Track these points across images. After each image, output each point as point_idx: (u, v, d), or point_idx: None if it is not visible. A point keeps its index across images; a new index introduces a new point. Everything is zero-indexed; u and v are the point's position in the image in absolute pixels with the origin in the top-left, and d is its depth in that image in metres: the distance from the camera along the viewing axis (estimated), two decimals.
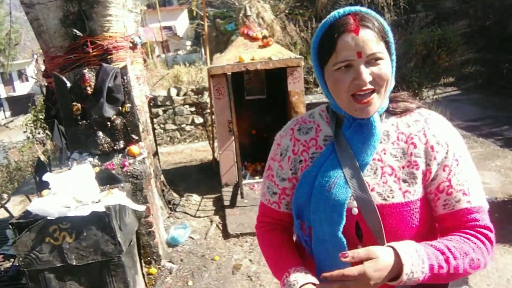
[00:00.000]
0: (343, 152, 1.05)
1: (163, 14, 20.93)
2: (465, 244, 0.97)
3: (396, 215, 1.01)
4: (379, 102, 1.01)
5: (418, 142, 1.04)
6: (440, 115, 1.11)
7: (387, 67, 0.99)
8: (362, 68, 0.97)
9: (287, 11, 13.42)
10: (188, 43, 22.70)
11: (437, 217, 1.06)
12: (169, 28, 23.45)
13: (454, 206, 1.02)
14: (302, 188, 1.10)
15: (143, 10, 4.19)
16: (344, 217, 1.02)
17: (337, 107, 1.08)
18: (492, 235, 1.01)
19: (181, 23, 24.59)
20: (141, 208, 3.11)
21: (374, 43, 0.97)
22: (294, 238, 1.26)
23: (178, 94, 8.52)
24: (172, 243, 3.94)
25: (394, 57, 1.03)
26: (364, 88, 0.98)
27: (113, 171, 3.22)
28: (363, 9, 1.01)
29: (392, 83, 1.05)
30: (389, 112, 1.09)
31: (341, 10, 1.01)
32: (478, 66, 8.31)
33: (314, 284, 1.03)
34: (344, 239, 1.03)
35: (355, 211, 1.03)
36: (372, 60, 0.98)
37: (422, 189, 1.03)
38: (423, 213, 1.03)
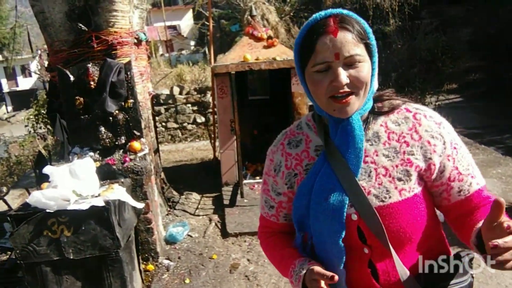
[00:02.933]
0: (335, 160, 1.05)
1: (168, 13, 20.96)
2: None
3: (395, 214, 1.01)
4: (358, 103, 1.00)
5: (410, 141, 1.03)
6: (424, 106, 1.11)
7: (366, 70, 0.98)
8: (340, 70, 0.96)
9: (292, 14, 13.44)
10: (192, 43, 22.74)
11: (450, 206, 1.07)
12: (173, 27, 23.47)
13: (468, 190, 1.05)
14: (300, 200, 1.10)
15: (148, 8, 4.19)
16: (345, 225, 1.02)
17: (320, 110, 1.07)
18: None
19: (186, 23, 24.63)
20: (140, 205, 3.09)
21: (352, 45, 0.96)
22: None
23: (180, 93, 8.53)
24: (170, 241, 3.93)
25: (375, 59, 1.02)
26: (341, 90, 0.97)
27: (114, 166, 3.21)
28: (345, 11, 1.01)
29: (374, 85, 1.04)
30: (376, 113, 1.08)
31: (322, 12, 1.01)
32: (482, 74, 8.32)
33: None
34: (343, 248, 1.03)
35: (355, 216, 1.03)
36: (351, 62, 0.97)
37: (419, 185, 1.03)
38: (421, 208, 1.03)
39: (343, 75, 0.96)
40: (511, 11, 12.79)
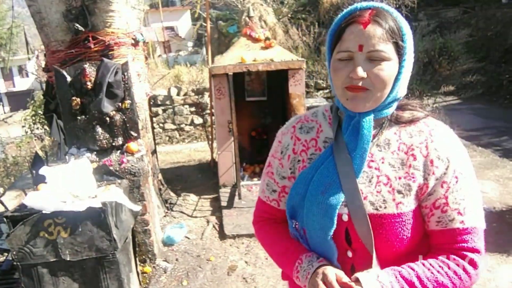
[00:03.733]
0: (341, 156, 1.03)
1: (165, 14, 20.92)
2: (443, 275, 0.96)
3: (387, 225, 0.99)
4: (372, 102, 0.98)
5: (418, 154, 1.00)
6: (447, 126, 1.07)
7: (388, 70, 0.95)
8: (359, 62, 0.95)
9: (289, 15, 13.44)
10: (190, 44, 22.70)
11: (428, 231, 1.03)
12: (171, 28, 23.44)
13: (446, 224, 0.99)
14: (297, 188, 1.08)
15: (145, 9, 4.18)
16: (335, 222, 1.01)
17: (338, 102, 1.05)
18: (479, 259, 0.98)
19: (183, 24, 24.59)
20: (137, 208, 3.08)
21: (379, 40, 0.94)
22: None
23: (178, 94, 8.51)
24: (167, 242, 3.92)
25: (405, 63, 0.98)
26: (356, 84, 0.96)
27: (111, 167, 3.19)
28: (386, 7, 0.99)
29: (399, 90, 1.01)
30: (393, 120, 1.05)
31: (364, 3, 0.99)
32: (479, 76, 8.33)
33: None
34: (334, 244, 1.02)
35: (345, 217, 1.01)
36: (374, 57, 0.95)
37: (416, 201, 1.01)
38: (415, 225, 1.01)
39: (361, 69, 0.95)
40: (507, 13, 12.85)
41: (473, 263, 0.98)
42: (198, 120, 8.58)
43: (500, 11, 13.37)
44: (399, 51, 0.97)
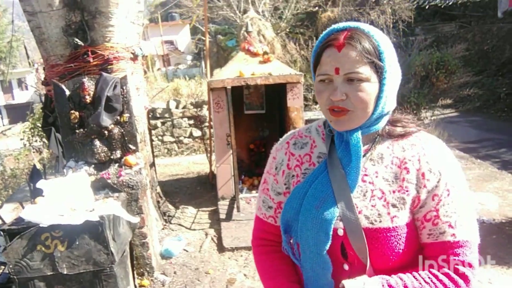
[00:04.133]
0: (335, 171, 1.04)
1: (165, 28, 21.14)
2: (431, 287, 0.96)
3: (382, 239, 0.99)
4: (356, 121, 1.00)
5: (411, 167, 1.01)
6: (440, 139, 1.08)
7: (368, 90, 0.96)
8: (338, 85, 0.97)
9: (288, 30, 13.58)
10: (189, 57, 22.89)
11: (421, 244, 1.04)
12: (170, 42, 23.66)
13: (437, 237, 1.00)
14: (291, 203, 1.08)
15: (145, 24, 4.24)
16: (331, 237, 1.01)
17: None
18: (471, 273, 0.98)
19: (183, 38, 24.83)
20: (135, 220, 3.07)
21: (355, 62, 0.95)
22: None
23: (177, 107, 8.54)
24: (165, 255, 3.89)
25: (386, 81, 0.98)
26: (337, 105, 0.98)
27: (109, 181, 3.19)
28: (363, 26, 1.00)
29: (384, 107, 1.02)
30: (385, 135, 1.07)
31: (341, 25, 1.01)
32: (476, 89, 8.39)
33: None
34: (329, 259, 1.03)
35: (341, 232, 1.01)
36: (351, 79, 0.96)
37: (410, 214, 1.01)
38: (410, 238, 1.01)
39: (340, 91, 0.97)
40: (503, 28, 13.00)
41: (464, 277, 0.97)
42: (197, 132, 8.60)
43: (495, 26, 13.54)
44: (378, 70, 0.97)
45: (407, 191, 1.00)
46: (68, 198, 2.63)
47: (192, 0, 13.66)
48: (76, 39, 3.38)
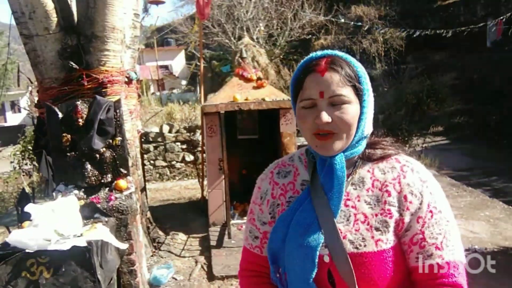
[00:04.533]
0: (318, 197, 1.04)
1: (160, 53, 21.37)
2: None
3: (368, 264, 0.98)
4: (341, 144, 1.01)
5: (392, 190, 1.02)
6: (418, 162, 1.09)
7: (351, 112, 0.99)
8: (323, 108, 0.99)
9: (281, 56, 13.80)
10: (184, 82, 23.06)
11: (410, 268, 1.03)
12: (165, 67, 23.87)
13: (425, 260, 1.00)
14: (277, 232, 1.08)
15: (140, 48, 4.28)
16: (316, 264, 1.00)
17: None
18: None
19: (178, 63, 25.09)
20: (123, 246, 3.01)
21: (338, 86, 0.98)
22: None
23: (170, 131, 8.54)
24: (154, 283, 3.80)
25: (366, 103, 1.02)
26: (322, 128, 0.99)
27: (99, 205, 3.14)
28: (341, 53, 1.04)
29: (364, 129, 1.04)
30: (365, 158, 1.08)
31: (319, 52, 1.05)
32: (467, 117, 8.52)
33: None
34: (315, 287, 1.01)
35: (327, 258, 1.01)
36: (335, 102, 0.99)
37: (395, 238, 1.01)
38: (397, 261, 1.00)
39: (325, 114, 0.98)
40: (492, 57, 13.32)
41: None
42: (190, 157, 8.57)
43: (485, 55, 13.87)
44: (358, 93, 1.01)
45: (389, 213, 1.01)
46: (55, 223, 2.57)
47: (191, 26, 13.90)
48: (71, 63, 3.40)
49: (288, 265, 1.05)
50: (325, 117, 0.98)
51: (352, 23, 12.78)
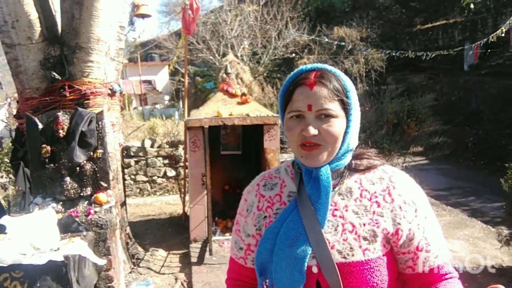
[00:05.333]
0: (305, 208, 1.05)
1: (144, 68, 21.32)
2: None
3: (356, 273, 0.99)
4: (326, 156, 1.03)
5: (382, 202, 1.04)
6: (403, 171, 1.12)
7: (338, 125, 1.01)
8: (310, 121, 1.01)
9: (265, 74, 13.93)
10: (167, 97, 22.98)
11: (413, 275, 1.06)
12: (148, 82, 23.78)
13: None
14: (265, 244, 1.08)
15: (124, 62, 4.28)
16: (305, 275, 1.00)
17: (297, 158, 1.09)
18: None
19: (161, 78, 25.03)
20: (101, 262, 2.92)
21: (326, 99, 1.00)
22: None
23: (152, 146, 8.45)
24: None
25: (352, 117, 1.04)
26: (309, 140, 1.00)
27: (77, 219, 3.05)
28: (329, 67, 1.06)
29: (350, 142, 1.06)
30: (352, 169, 1.10)
31: (308, 66, 1.06)
32: (445, 138, 8.69)
33: None
34: None
35: (315, 269, 1.01)
36: (323, 116, 1.01)
37: (383, 248, 1.03)
38: (384, 272, 1.01)
39: (312, 127, 1.00)
40: (469, 80, 13.74)
41: (460, 278, 1.08)
42: (171, 172, 8.48)
43: (462, 78, 14.29)
44: (345, 107, 1.03)
45: (377, 223, 1.02)
46: (31, 236, 2.49)
47: (176, 42, 13.93)
48: (54, 73, 3.34)
49: (276, 277, 1.04)
50: (312, 130, 0.99)
51: (336, 42, 13.03)
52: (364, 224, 1.02)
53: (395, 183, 1.06)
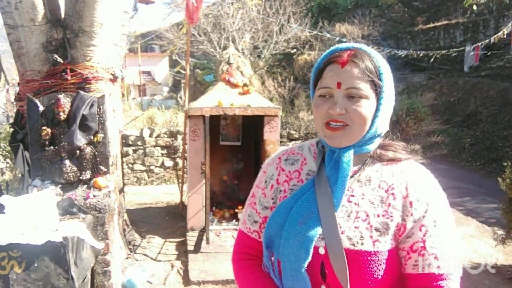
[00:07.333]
0: (322, 189, 1.04)
1: (143, 59, 21.24)
2: None
3: (362, 262, 0.98)
4: (351, 138, 1.01)
5: (398, 194, 1.01)
6: (428, 170, 1.09)
7: (366, 107, 0.99)
8: (338, 99, 0.99)
9: (265, 69, 13.89)
10: (166, 89, 22.90)
11: (404, 275, 1.03)
12: (148, 72, 23.68)
13: (423, 269, 1.00)
14: (276, 218, 1.07)
15: (126, 48, 4.25)
16: (311, 254, 1.00)
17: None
18: None
19: (161, 69, 24.91)
20: (99, 245, 2.92)
21: (356, 79, 0.99)
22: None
23: (150, 135, 8.43)
24: (128, 286, 3.69)
25: (383, 101, 1.02)
26: (335, 118, 0.99)
27: (76, 202, 3.05)
28: (365, 47, 1.04)
29: (379, 126, 1.04)
30: (376, 158, 1.08)
31: (344, 45, 1.05)
32: (443, 137, 8.73)
33: None
34: (307, 277, 1.01)
35: (322, 250, 1.01)
36: (352, 95, 0.99)
37: (393, 241, 1.01)
38: (390, 266, 1.00)
39: (340, 105, 0.99)
40: (469, 81, 13.76)
41: None
42: (169, 162, 8.46)
43: (462, 79, 14.32)
44: (377, 89, 1.01)
45: (391, 216, 1.00)
46: (30, 216, 2.49)
47: (177, 33, 13.86)
48: (56, 56, 3.33)
49: (282, 252, 1.04)
50: (339, 108, 0.98)
51: (337, 39, 13.01)
52: (378, 215, 1.00)
53: (415, 178, 1.03)
